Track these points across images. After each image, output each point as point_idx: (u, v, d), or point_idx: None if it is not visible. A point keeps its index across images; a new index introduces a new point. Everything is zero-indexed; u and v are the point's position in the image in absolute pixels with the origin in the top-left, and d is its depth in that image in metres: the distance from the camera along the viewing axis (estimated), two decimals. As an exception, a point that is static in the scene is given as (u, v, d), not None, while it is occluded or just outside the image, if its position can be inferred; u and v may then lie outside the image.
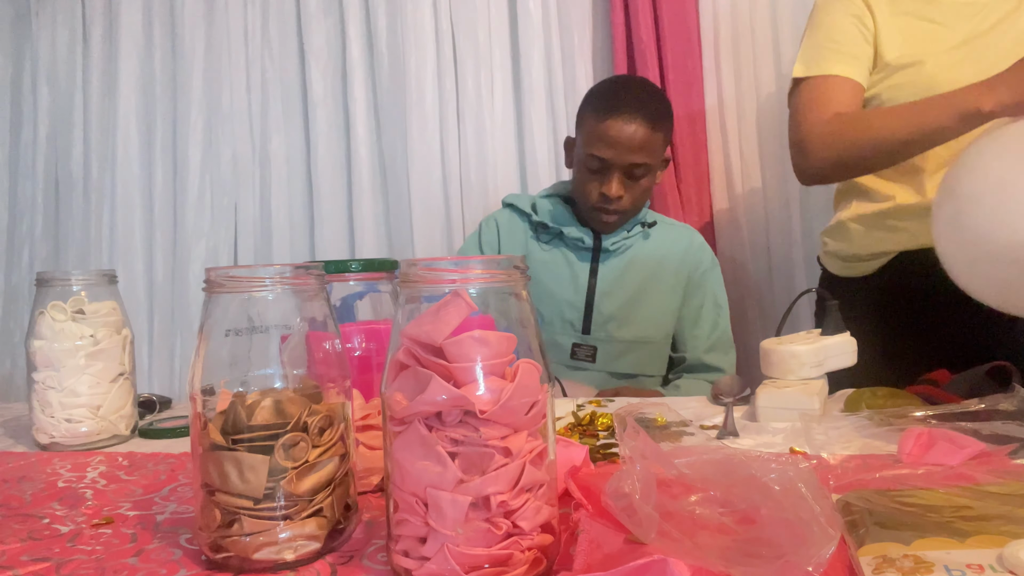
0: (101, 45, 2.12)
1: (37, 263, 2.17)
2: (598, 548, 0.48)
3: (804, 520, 0.45)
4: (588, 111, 1.36)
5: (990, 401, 0.73)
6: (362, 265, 0.69)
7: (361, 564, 0.52)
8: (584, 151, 1.36)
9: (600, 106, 1.33)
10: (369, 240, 1.99)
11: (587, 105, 1.38)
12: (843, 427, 0.79)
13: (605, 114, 1.31)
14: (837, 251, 1.33)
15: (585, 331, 1.41)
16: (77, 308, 0.91)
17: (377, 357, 0.69)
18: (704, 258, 1.49)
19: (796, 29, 1.78)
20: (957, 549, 0.45)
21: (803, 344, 0.92)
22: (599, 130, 1.32)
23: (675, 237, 1.49)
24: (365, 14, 2.00)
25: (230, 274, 0.54)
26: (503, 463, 0.45)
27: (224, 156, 2.07)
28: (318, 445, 0.53)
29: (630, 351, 1.41)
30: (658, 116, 1.33)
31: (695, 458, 0.56)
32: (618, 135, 1.30)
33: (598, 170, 1.34)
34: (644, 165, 1.33)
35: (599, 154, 1.32)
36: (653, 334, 1.43)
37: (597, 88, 1.42)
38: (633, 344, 1.41)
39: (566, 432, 0.85)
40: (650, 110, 1.32)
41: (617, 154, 1.31)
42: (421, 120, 1.94)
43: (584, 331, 1.41)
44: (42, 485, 0.74)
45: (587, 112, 1.36)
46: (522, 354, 0.47)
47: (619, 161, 1.32)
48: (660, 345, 1.45)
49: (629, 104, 1.31)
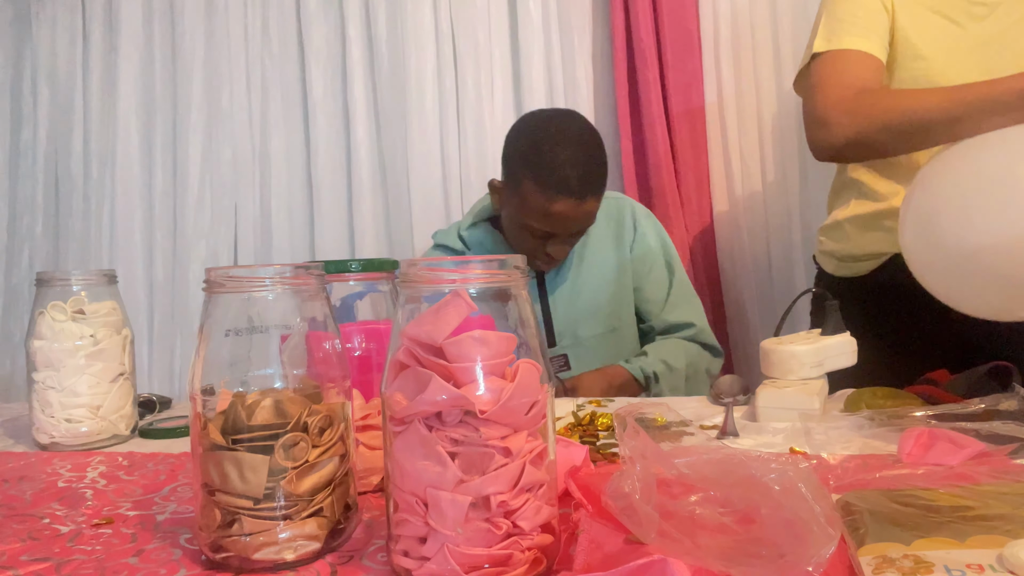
0: (101, 45, 2.12)
1: (37, 263, 2.17)
2: (598, 548, 0.48)
3: (804, 520, 0.45)
4: (528, 178, 1.23)
5: (990, 401, 0.73)
6: (362, 265, 0.69)
7: (361, 564, 0.52)
8: (523, 217, 1.26)
9: (544, 181, 1.21)
10: (369, 240, 1.99)
11: (525, 169, 1.24)
12: (843, 427, 0.79)
13: (551, 193, 1.21)
14: (833, 251, 1.32)
15: (551, 344, 1.38)
16: (77, 308, 0.91)
17: (377, 357, 0.69)
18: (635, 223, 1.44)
19: (796, 29, 1.78)
20: (957, 549, 0.45)
21: (803, 344, 0.92)
22: (543, 207, 1.22)
23: (605, 218, 1.43)
24: (365, 14, 2.00)
25: (230, 274, 0.54)
26: (503, 463, 0.45)
27: (224, 156, 2.07)
28: (318, 445, 0.53)
29: (600, 345, 1.40)
30: (601, 179, 1.26)
31: (695, 458, 0.56)
32: (570, 215, 1.23)
33: (541, 236, 1.27)
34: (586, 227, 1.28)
35: (545, 227, 1.25)
36: (616, 320, 1.41)
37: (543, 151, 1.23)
38: (601, 337, 1.40)
39: (566, 432, 0.85)
40: (599, 182, 1.25)
41: (564, 227, 1.25)
42: (421, 120, 1.94)
43: (550, 344, 1.38)
44: (42, 485, 0.74)
45: (526, 178, 1.23)
46: (522, 354, 0.48)
47: (565, 232, 1.27)
48: (627, 328, 1.43)
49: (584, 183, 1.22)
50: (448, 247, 1.45)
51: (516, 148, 1.29)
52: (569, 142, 1.24)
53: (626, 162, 1.86)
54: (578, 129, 1.28)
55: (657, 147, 1.81)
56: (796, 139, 1.81)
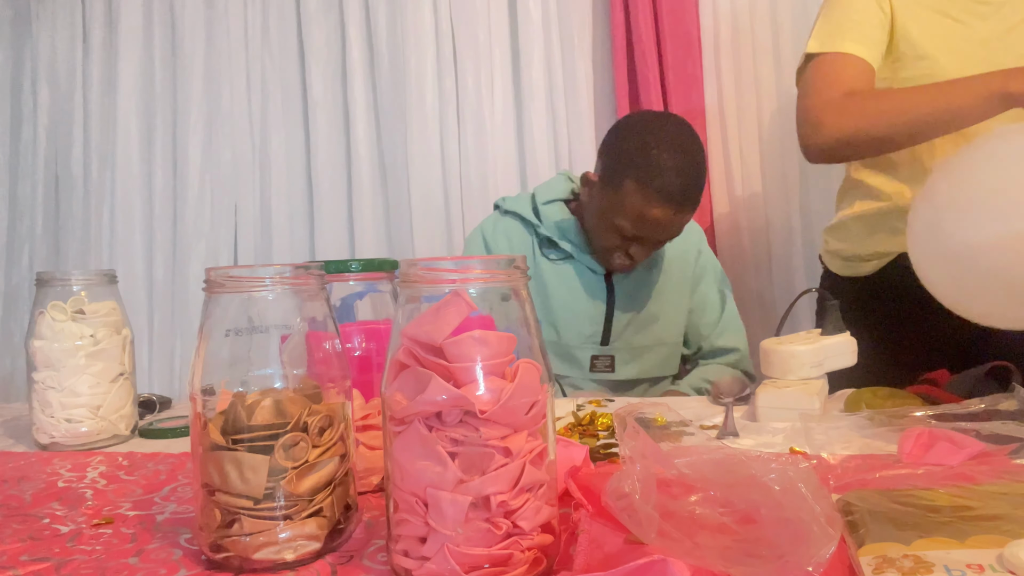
0: (101, 45, 2.12)
1: (37, 263, 2.17)
2: (598, 548, 0.48)
3: (804, 520, 0.45)
4: (630, 177, 1.20)
5: (990, 401, 0.73)
6: (362, 265, 0.69)
7: (361, 564, 0.52)
8: (615, 218, 1.24)
9: (646, 184, 1.19)
10: (369, 240, 1.99)
11: (629, 168, 1.21)
12: (843, 427, 0.79)
13: (663, 202, 1.19)
14: (838, 250, 1.33)
15: (604, 343, 1.38)
16: (77, 308, 0.91)
17: (377, 357, 0.69)
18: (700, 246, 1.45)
19: (796, 29, 1.78)
20: (957, 549, 0.44)
21: (803, 344, 0.92)
22: (640, 210, 1.20)
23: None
24: (365, 14, 2.00)
25: (230, 274, 0.54)
26: (503, 463, 0.45)
27: (224, 156, 2.07)
28: (318, 445, 0.53)
29: (646, 354, 1.40)
30: (700, 192, 1.23)
31: (695, 458, 0.56)
32: (667, 223, 1.22)
33: (629, 236, 1.25)
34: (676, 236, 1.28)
35: (636, 231, 1.23)
36: (668, 335, 1.41)
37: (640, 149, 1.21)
38: (650, 348, 1.40)
39: (566, 432, 0.84)
40: (695, 191, 1.22)
41: (655, 234, 1.24)
42: (421, 120, 1.94)
43: (603, 343, 1.38)
44: (42, 485, 0.74)
45: (628, 178, 1.21)
46: (522, 354, 0.47)
47: (654, 238, 1.26)
48: (675, 344, 1.44)
49: (689, 197, 1.21)
50: (521, 216, 1.42)
51: (622, 146, 1.25)
52: (677, 149, 1.21)
53: (626, 162, 1.86)
54: (687, 138, 1.25)
55: (657, 147, 1.81)
56: (796, 139, 1.80)
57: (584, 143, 1.89)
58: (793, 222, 1.80)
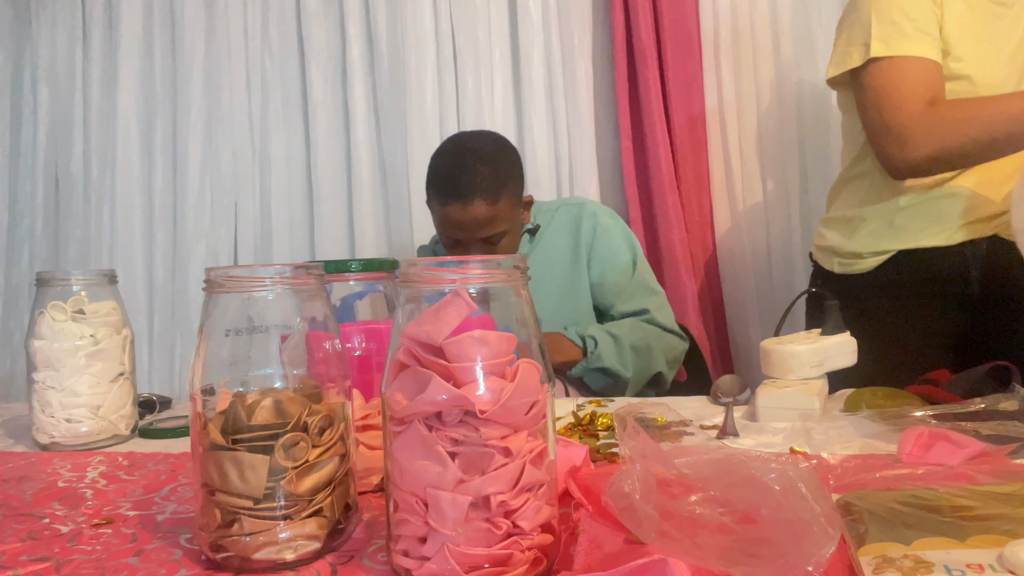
0: (101, 45, 2.12)
1: (37, 263, 2.17)
2: (598, 548, 0.48)
3: (804, 520, 0.45)
4: (431, 193, 1.35)
5: (990, 401, 0.73)
6: (362, 265, 0.69)
7: (361, 564, 0.52)
8: (440, 232, 1.37)
9: (439, 191, 1.32)
10: (369, 240, 1.99)
11: (429, 186, 1.36)
12: (843, 427, 0.79)
13: (444, 200, 1.30)
14: (835, 247, 1.31)
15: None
16: (77, 308, 0.91)
17: (377, 357, 0.69)
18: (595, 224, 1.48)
19: (796, 29, 1.78)
20: (957, 549, 0.44)
21: (803, 344, 0.92)
22: (443, 215, 1.32)
23: (561, 222, 1.49)
24: (365, 14, 2.00)
25: (230, 274, 0.54)
26: (503, 463, 0.45)
27: (224, 156, 2.07)
28: (318, 445, 0.53)
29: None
30: (497, 186, 1.31)
31: (695, 458, 0.56)
32: (461, 218, 1.30)
33: (457, 244, 1.35)
34: (497, 232, 1.33)
35: (451, 235, 1.34)
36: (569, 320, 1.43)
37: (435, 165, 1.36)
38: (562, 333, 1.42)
39: (566, 432, 0.84)
40: (488, 185, 1.29)
41: (467, 233, 1.32)
42: (421, 120, 1.94)
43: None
44: (42, 485, 0.74)
45: (430, 194, 1.35)
46: (522, 354, 0.47)
47: (472, 238, 1.33)
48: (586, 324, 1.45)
49: (465, 186, 1.29)
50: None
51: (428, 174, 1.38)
52: (455, 153, 1.35)
53: (626, 162, 1.86)
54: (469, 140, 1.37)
55: (657, 147, 1.81)
56: (796, 139, 1.81)
57: (584, 143, 1.90)
58: (793, 222, 1.80)
